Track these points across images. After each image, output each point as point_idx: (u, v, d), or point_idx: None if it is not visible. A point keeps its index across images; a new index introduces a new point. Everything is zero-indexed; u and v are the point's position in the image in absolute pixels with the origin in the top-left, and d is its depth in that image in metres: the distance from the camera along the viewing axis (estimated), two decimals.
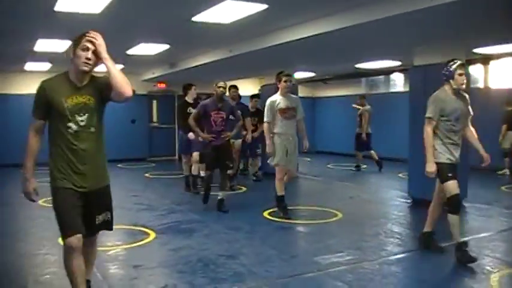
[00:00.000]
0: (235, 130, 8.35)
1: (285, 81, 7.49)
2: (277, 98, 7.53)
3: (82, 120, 3.55)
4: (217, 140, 7.96)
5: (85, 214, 3.64)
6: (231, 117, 8.27)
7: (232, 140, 9.29)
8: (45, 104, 3.56)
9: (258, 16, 7.37)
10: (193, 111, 8.80)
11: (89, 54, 3.49)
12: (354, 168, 13.98)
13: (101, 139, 3.74)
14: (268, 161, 7.72)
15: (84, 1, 6.64)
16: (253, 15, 7.31)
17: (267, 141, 7.48)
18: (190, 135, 9.16)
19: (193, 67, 12.46)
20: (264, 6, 6.89)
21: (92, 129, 3.61)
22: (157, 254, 5.86)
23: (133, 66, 14.21)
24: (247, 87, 16.49)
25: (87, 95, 3.59)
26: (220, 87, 8.06)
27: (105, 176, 3.82)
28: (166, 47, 10.63)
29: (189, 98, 9.93)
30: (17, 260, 5.60)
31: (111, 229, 3.94)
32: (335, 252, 5.70)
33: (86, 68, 3.51)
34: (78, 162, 3.57)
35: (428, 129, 5.32)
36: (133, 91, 13.90)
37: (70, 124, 3.53)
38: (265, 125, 7.52)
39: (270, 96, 7.75)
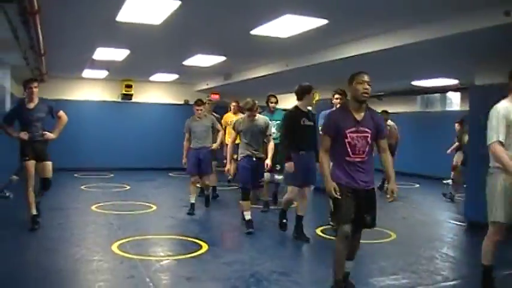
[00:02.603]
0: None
1: None
2: (507, 106, 4.64)
3: None
4: (364, 182, 4.72)
5: None
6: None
7: None
8: None
9: (316, 31, 7.33)
10: (308, 123, 6.90)
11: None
12: None
13: None
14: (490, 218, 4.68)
15: (145, 12, 6.72)
16: (312, 30, 7.27)
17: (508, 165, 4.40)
18: (290, 165, 6.71)
19: (248, 79, 12.50)
20: (324, 22, 6.84)
21: None
22: (210, 266, 5.78)
23: (187, 76, 14.40)
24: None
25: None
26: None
27: None
28: (222, 58, 10.69)
29: (303, 106, 7.02)
30: (72, 266, 5.65)
31: None
32: (390, 275, 5.53)
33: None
34: None
35: None
36: (187, 101, 13.97)
37: None
38: (497, 147, 4.48)
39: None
